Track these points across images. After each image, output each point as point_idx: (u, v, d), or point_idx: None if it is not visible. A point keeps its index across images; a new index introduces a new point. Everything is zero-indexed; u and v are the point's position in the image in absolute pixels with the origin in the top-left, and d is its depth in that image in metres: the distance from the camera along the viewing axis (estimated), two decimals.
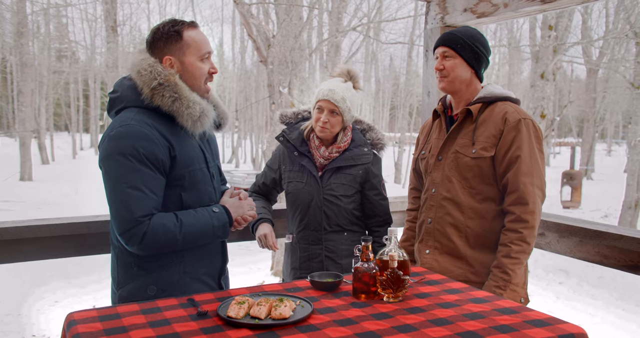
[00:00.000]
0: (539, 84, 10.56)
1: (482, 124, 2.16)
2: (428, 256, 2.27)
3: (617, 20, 15.54)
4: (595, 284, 8.65)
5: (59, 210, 13.59)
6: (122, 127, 1.72)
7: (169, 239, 1.72)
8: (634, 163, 13.37)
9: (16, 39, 19.02)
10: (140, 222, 1.67)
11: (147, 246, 1.70)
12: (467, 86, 2.22)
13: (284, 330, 1.44)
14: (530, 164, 2.08)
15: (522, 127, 2.10)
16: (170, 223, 1.72)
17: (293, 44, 8.76)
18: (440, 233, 2.24)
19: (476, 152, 2.14)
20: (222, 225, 1.84)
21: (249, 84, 31.14)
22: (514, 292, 2.10)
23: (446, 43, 2.20)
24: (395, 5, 50.10)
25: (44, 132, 27.00)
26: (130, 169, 1.69)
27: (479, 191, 2.17)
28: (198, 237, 1.79)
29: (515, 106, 2.19)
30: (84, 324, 1.47)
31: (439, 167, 2.26)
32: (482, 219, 2.17)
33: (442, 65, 2.20)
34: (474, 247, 2.18)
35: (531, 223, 2.07)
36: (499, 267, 2.08)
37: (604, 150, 39.46)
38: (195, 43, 1.83)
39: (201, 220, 1.79)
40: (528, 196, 2.06)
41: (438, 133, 2.34)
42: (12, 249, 2.25)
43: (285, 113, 2.58)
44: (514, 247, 2.06)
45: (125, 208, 1.67)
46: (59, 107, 35.98)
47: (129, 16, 26.72)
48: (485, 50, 2.22)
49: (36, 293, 7.35)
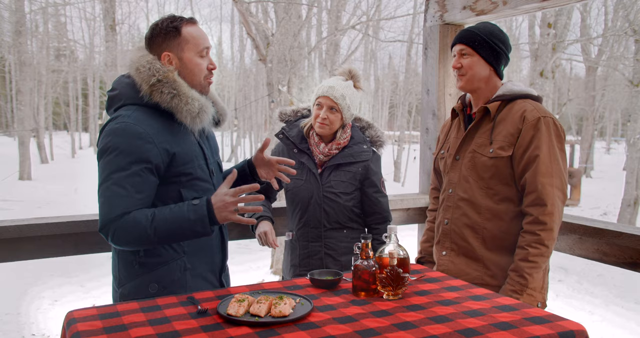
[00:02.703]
0: (538, 82, 10.55)
1: (500, 123, 2.11)
2: (444, 258, 2.24)
3: (616, 18, 15.53)
4: (594, 282, 8.66)
5: (58, 209, 13.58)
6: (117, 124, 1.72)
7: (140, 233, 1.67)
8: (632, 161, 13.39)
9: (14, 38, 18.98)
10: (114, 220, 1.67)
11: (117, 241, 1.69)
12: (486, 84, 2.17)
13: (284, 328, 1.44)
14: (550, 164, 2.02)
15: (542, 126, 2.03)
16: (142, 218, 1.68)
17: (292, 42, 8.75)
18: (456, 234, 2.20)
19: (493, 151, 2.09)
20: (200, 219, 1.69)
21: (248, 82, 31.11)
22: (530, 297, 2.04)
23: (463, 40, 2.15)
24: (394, 3, 50.01)
25: (43, 131, 26.95)
26: (119, 166, 1.69)
27: (497, 191, 2.12)
28: (172, 231, 1.70)
29: (535, 104, 2.11)
30: (84, 322, 1.47)
31: (456, 167, 2.22)
32: (499, 220, 2.12)
33: (460, 64, 2.16)
34: (491, 249, 2.13)
35: (550, 225, 2.00)
36: (516, 271, 2.03)
37: (603, 148, 39.46)
38: (194, 39, 1.82)
39: (176, 213, 1.70)
40: (547, 197, 2.00)
41: (456, 132, 2.30)
42: (11, 248, 2.25)
43: (285, 111, 2.58)
44: (531, 250, 2.01)
45: (106, 205, 1.68)
46: (57, 106, 35.93)
47: (127, 15, 26.65)
48: (505, 46, 2.15)
49: (35, 292, 7.35)
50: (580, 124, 30.23)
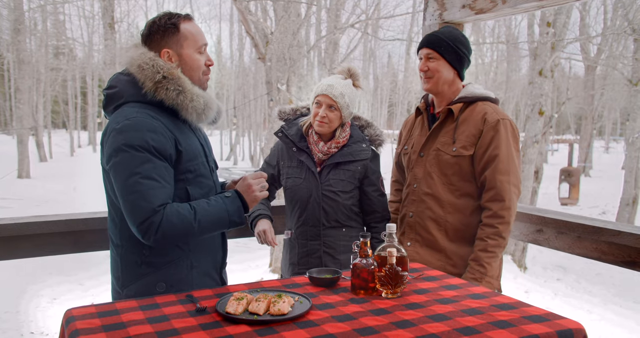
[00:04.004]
0: (537, 81, 10.55)
1: (462, 123, 2.27)
2: (409, 248, 2.37)
3: (615, 17, 15.54)
4: (593, 281, 8.68)
5: (57, 207, 13.58)
6: (128, 120, 1.69)
7: (186, 227, 1.66)
8: (631, 160, 13.41)
9: (13, 36, 18.95)
10: (157, 211, 1.63)
11: (163, 235, 1.64)
12: (449, 86, 2.32)
13: (283, 326, 1.44)
14: (507, 162, 2.19)
15: (501, 127, 2.20)
16: (185, 210, 1.67)
17: (291, 40, 8.75)
18: (421, 226, 2.35)
19: (456, 150, 2.25)
20: (237, 209, 1.77)
21: (247, 81, 31.10)
22: (489, 284, 2.20)
23: (430, 45, 2.28)
24: (393, 2, 50.02)
25: (42, 130, 26.93)
26: (142, 159, 1.65)
27: (458, 187, 2.28)
28: (214, 223, 1.73)
29: (494, 106, 2.29)
30: (83, 320, 1.47)
31: (421, 164, 2.37)
32: (460, 214, 2.28)
33: (427, 67, 2.29)
34: (452, 241, 2.30)
35: (507, 219, 2.19)
36: (476, 260, 2.20)
37: (601, 147, 39.51)
38: (192, 35, 1.82)
39: (215, 205, 1.74)
40: (505, 193, 2.18)
41: (420, 130, 2.44)
42: (10, 246, 2.25)
43: (284, 109, 2.58)
44: (490, 241, 2.18)
45: (142, 198, 1.63)
46: (56, 104, 35.86)
47: (126, 13, 26.65)
48: (467, 50, 2.31)
49: (34, 290, 7.35)
50: (579, 123, 30.24)
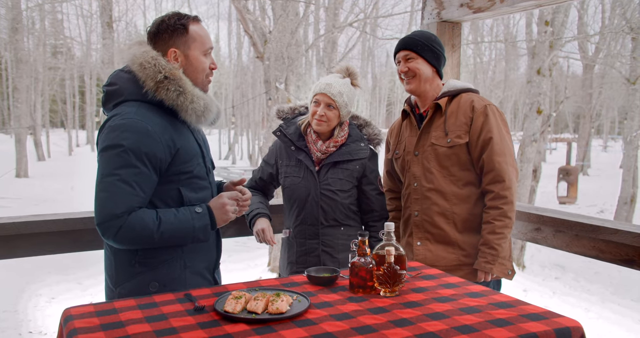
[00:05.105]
0: (535, 80, 10.55)
1: (451, 116, 2.32)
2: (420, 248, 2.36)
3: (613, 16, 15.55)
4: (591, 279, 8.69)
5: (55, 206, 13.57)
6: (124, 120, 1.69)
7: (146, 236, 1.69)
8: (629, 158, 13.43)
9: (11, 35, 18.92)
10: (119, 217, 1.65)
11: (121, 240, 1.68)
12: (430, 84, 2.36)
13: (281, 325, 1.44)
14: (502, 144, 2.24)
15: (489, 112, 2.26)
16: (150, 220, 1.69)
17: (289, 39, 8.74)
18: (428, 223, 2.35)
19: (451, 140, 2.28)
20: (203, 227, 1.78)
21: (246, 80, 31.07)
22: (502, 265, 2.23)
23: (406, 46, 2.33)
24: (391, 0, 50.03)
25: (40, 129, 26.90)
26: (126, 162, 1.67)
27: (460, 177, 2.31)
28: (176, 237, 1.75)
29: (478, 95, 2.36)
30: (81, 319, 1.47)
31: (417, 162, 2.38)
32: (466, 204, 2.31)
33: (407, 67, 2.33)
34: (462, 232, 2.31)
35: (510, 198, 2.22)
36: (486, 244, 2.22)
37: (600, 146, 39.57)
38: (200, 37, 1.83)
39: (182, 219, 1.74)
40: (504, 174, 2.22)
41: (410, 131, 2.46)
42: (8, 245, 2.24)
43: (282, 108, 2.58)
44: (497, 223, 2.21)
45: (111, 200, 1.65)
46: (54, 103, 35.83)
47: (124, 12, 26.62)
48: (442, 49, 2.37)
49: (33, 289, 7.35)
50: (577, 122, 30.28)
